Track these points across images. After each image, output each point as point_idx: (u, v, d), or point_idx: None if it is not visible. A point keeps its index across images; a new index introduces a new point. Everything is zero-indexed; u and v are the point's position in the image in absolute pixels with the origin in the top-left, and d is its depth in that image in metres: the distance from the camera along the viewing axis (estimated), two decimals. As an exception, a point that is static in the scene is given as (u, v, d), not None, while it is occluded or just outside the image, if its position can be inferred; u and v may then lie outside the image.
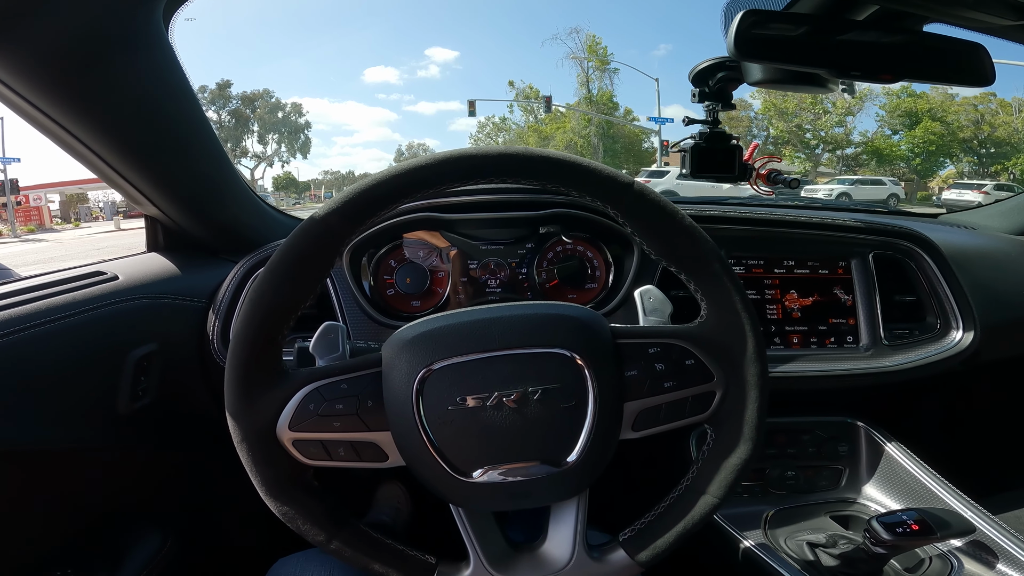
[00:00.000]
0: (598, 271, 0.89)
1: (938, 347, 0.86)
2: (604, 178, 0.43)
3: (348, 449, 0.42)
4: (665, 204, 0.45)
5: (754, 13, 0.68)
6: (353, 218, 0.41)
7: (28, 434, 0.56)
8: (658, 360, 0.44)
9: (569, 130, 30.19)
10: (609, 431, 0.43)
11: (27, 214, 20.53)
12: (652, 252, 0.46)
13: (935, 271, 0.89)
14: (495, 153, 0.42)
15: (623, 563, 0.45)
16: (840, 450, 0.85)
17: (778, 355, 0.85)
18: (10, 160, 17.14)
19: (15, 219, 17.58)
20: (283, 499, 0.42)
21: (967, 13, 0.68)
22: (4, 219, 17.34)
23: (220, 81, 30.48)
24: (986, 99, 20.03)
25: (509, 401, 0.40)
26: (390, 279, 0.86)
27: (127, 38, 0.54)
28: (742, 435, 0.45)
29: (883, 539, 0.56)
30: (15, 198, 17.51)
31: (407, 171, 0.41)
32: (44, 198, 21.95)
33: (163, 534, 0.74)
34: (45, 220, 21.55)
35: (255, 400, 0.41)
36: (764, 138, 25.17)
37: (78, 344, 0.61)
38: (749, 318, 0.45)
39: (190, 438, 0.84)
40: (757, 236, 0.89)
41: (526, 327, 0.43)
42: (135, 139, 0.64)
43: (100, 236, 15.35)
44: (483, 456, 0.41)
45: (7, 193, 16.08)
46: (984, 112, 20.26)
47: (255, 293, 0.40)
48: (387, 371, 0.42)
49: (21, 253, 10.04)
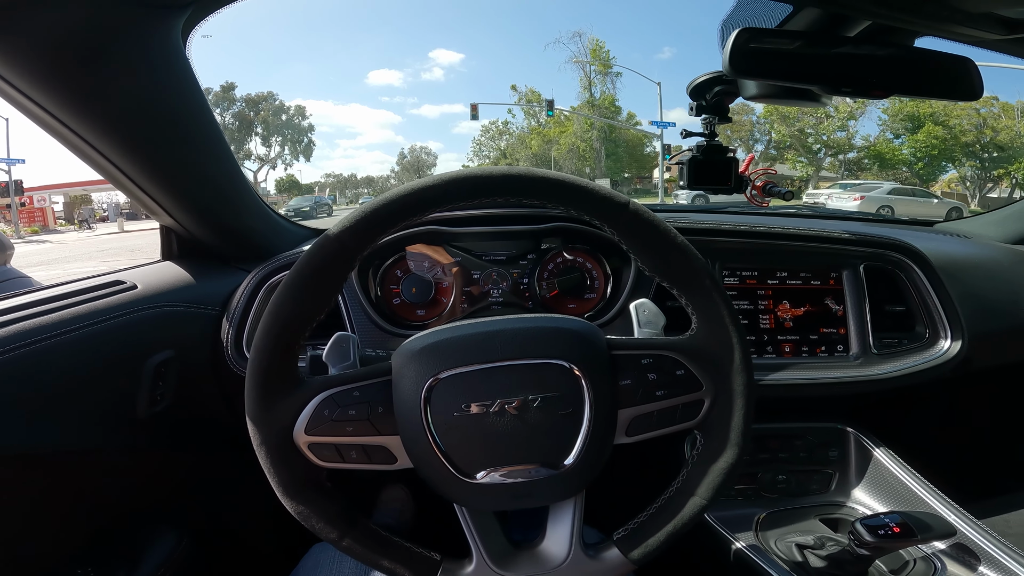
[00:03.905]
0: (597, 282, 0.91)
1: (926, 356, 0.89)
2: (601, 198, 0.45)
3: (360, 452, 0.45)
4: (659, 223, 0.47)
5: (749, 31, 0.70)
6: (364, 235, 0.43)
7: (52, 438, 0.59)
8: (650, 370, 0.47)
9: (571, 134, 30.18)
10: (604, 436, 0.46)
11: (31, 215, 20.59)
12: (646, 268, 0.49)
13: (924, 282, 0.91)
14: (499, 174, 0.45)
15: (617, 561, 0.48)
16: (830, 455, 0.88)
17: (770, 363, 0.88)
18: (15, 161, 17.19)
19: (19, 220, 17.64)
20: (299, 499, 0.45)
21: (958, 29, 0.69)
22: (8, 220, 17.39)
23: (224, 83, 30.54)
24: (989, 103, 19.99)
25: (511, 408, 0.43)
26: (396, 288, 0.89)
27: (148, 57, 0.56)
28: (729, 440, 0.48)
29: (866, 541, 0.58)
30: (19, 199, 17.55)
31: (414, 191, 0.43)
32: (48, 199, 22.00)
33: (178, 533, 0.77)
34: (49, 221, 21.61)
35: (273, 406, 0.44)
36: (766, 142, 25.17)
37: (100, 351, 0.64)
38: (736, 331, 0.48)
39: (204, 441, 0.87)
40: (751, 248, 0.91)
41: (527, 339, 0.45)
42: (153, 152, 0.67)
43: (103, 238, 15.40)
44: (486, 459, 0.44)
45: (11, 194, 16.08)
46: (987, 116, 20.22)
47: (274, 306, 0.43)
48: (396, 379, 0.45)
49: (24, 255, 10.07)
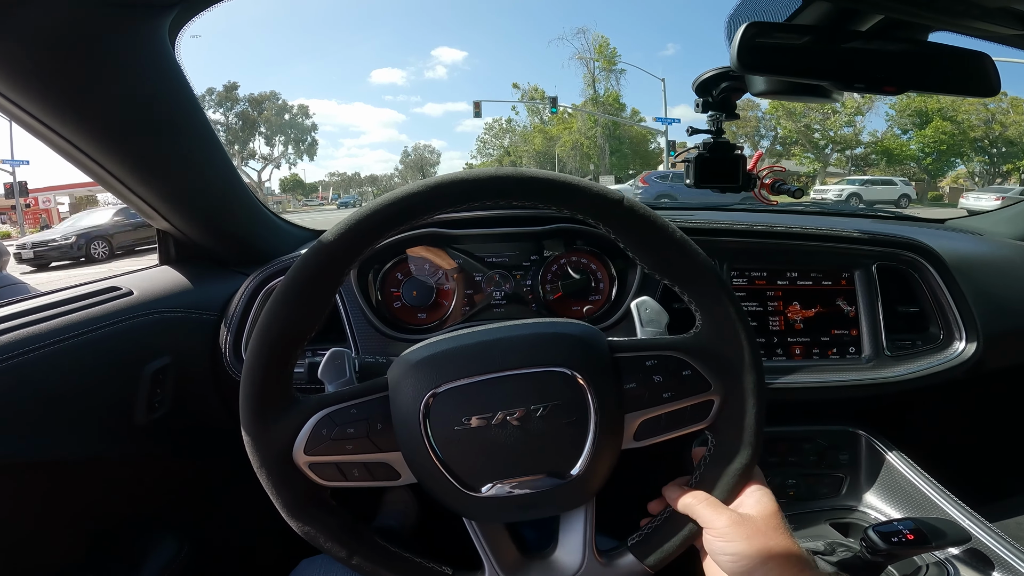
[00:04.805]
0: (602, 283, 0.90)
1: (940, 358, 0.87)
2: (594, 195, 0.44)
3: (362, 470, 0.44)
4: (655, 218, 0.45)
5: (757, 25, 0.68)
6: (351, 245, 0.42)
7: (50, 446, 0.58)
8: (655, 372, 0.46)
9: (575, 131, 30.12)
10: (611, 442, 0.44)
11: (35, 216, 20.71)
12: (645, 266, 0.47)
13: (938, 281, 0.89)
14: (486, 176, 0.43)
15: (633, 567, 0.47)
16: (841, 458, 0.86)
17: (780, 366, 0.86)
18: (19, 163, 17.30)
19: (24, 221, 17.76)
20: (303, 519, 0.44)
21: (972, 23, 0.67)
22: (14, 221, 17.51)
23: (227, 83, 30.67)
24: (998, 98, 19.71)
25: (513, 419, 0.42)
26: (396, 292, 0.87)
27: (135, 58, 0.55)
28: (742, 441, 0.46)
29: (879, 548, 0.57)
30: (24, 200, 17.65)
31: (399, 199, 0.42)
32: (53, 200, 22.11)
33: (179, 540, 0.77)
34: (54, 222, 21.77)
35: (270, 427, 0.43)
36: (772, 138, 25.02)
37: (97, 359, 0.63)
38: (744, 327, 0.46)
39: (204, 447, 0.86)
40: (760, 248, 0.89)
41: (526, 347, 0.44)
42: (144, 155, 0.66)
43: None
44: (490, 472, 0.43)
45: (16, 195, 16.18)
46: (995, 111, 20.04)
47: (263, 323, 0.42)
48: (393, 395, 0.44)
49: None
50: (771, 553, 0.41)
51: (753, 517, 0.44)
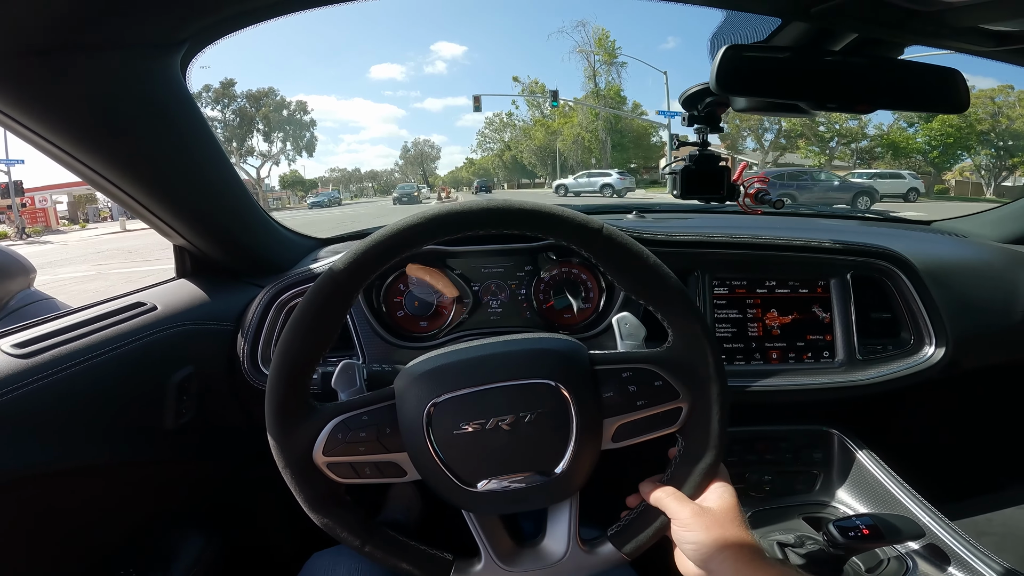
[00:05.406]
0: (591, 292, 0.95)
1: (909, 362, 0.92)
2: (576, 225, 0.49)
3: (373, 468, 0.50)
4: (632, 245, 0.51)
5: (735, 48, 0.72)
6: (356, 274, 0.48)
7: (87, 453, 0.64)
8: (631, 382, 0.52)
9: (576, 124, 30.00)
10: (591, 444, 0.51)
11: (32, 216, 20.61)
12: (623, 288, 0.53)
13: (910, 289, 0.93)
14: (477, 209, 0.49)
15: (611, 554, 0.53)
16: (815, 456, 0.92)
17: (758, 370, 0.91)
18: (13, 162, 17.31)
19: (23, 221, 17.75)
20: (323, 512, 0.50)
21: (946, 43, 0.71)
22: (12, 220, 17.52)
23: (224, 80, 30.60)
24: (1005, 91, 19.63)
25: (504, 425, 0.48)
26: (399, 299, 0.93)
27: (152, 94, 0.60)
28: (708, 443, 0.52)
29: (838, 542, 0.62)
30: (20, 200, 17.64)
31: (397, 231, 0.47)
32: (50, 199, 21.96)
33: (207, 535, 0.83)
34: (52, 222, 21.63)
35: (292, 433, 0.49)
36: (776, 131, 24.84)
37: (127, 371, 0.69)
38: (709, 343, 0.52)
39: (227, 448, 0.92)
40: (741, 259, 0.93)
41: (516, 362, 0.50)
42: (163, 181, 0.71)
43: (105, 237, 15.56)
44: (485, 470, 0.49)
45: (11, 195, 16.13)
46: (1002, 104, 19.87)
47: (282, 346, 0.48)
48: (400, 404, 0.50)
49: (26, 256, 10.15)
50: (727, 542, 0.47)
51: (713, 510, 0.50)
